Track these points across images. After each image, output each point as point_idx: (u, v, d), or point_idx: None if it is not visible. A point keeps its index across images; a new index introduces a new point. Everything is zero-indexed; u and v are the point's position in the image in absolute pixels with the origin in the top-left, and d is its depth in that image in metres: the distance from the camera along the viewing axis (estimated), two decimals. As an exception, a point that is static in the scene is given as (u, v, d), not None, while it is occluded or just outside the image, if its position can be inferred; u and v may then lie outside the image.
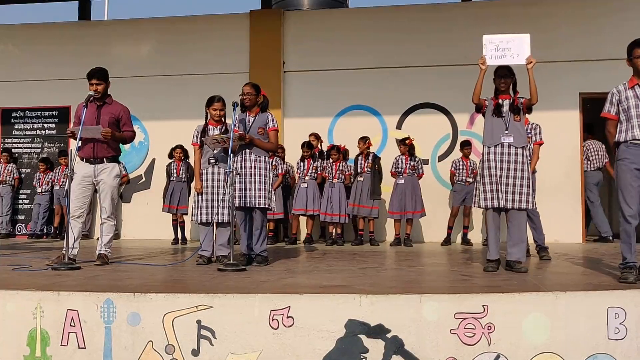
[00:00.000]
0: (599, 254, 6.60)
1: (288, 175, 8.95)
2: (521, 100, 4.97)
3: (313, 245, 8.35)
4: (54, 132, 10.44)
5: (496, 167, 4.86)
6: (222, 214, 5.45)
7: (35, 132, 10.53)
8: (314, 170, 8.61)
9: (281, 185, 8.66)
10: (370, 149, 8.54)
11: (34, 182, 10.16)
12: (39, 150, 10.51)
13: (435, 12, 9.67)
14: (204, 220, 5.54)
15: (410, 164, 8.31)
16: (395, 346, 3.47)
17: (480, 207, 5.03)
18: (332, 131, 9.61)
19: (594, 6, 9.25)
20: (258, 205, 5.37)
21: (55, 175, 9.98)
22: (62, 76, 10.17)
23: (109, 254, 5.62)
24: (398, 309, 3.52)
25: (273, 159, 7.89)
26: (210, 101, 5.68)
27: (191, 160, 7.56)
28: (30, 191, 10.36)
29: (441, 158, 9.38)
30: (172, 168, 9.01)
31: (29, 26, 10.80)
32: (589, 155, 9.12)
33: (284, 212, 8.65)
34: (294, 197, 8.69)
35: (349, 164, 8.69)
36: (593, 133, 9.32)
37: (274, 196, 5.66)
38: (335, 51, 9.66)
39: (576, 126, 9.09)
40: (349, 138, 8.88)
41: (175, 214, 8.97)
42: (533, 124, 6.20)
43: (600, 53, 8.89)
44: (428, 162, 9.30)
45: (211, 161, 5.56)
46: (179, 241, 8.96)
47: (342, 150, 8.70)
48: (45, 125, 10.49)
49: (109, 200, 5.48)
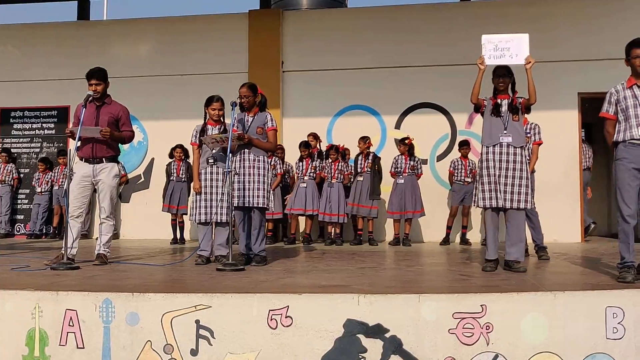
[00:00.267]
0: (597, 254, 6.61)
1: (287, 175, 8.95)
2: (520, 100, 4.97)
3: (312, 245, 8.35)
4: (53, 132, 10.43)
5: (495, 167, 4.86)
6: (221, 213, 5.45)
7: (34, 132, 10.53)
8: (312, 170, 8.61)
9: (280, 185, 8.67)
10: (370, 149, 8.55)
11: (33, 182, 10.16)
12: (38, 150, 10.50)
13: (434, 12, 9.67)
14: (202, 220, 5.54)
15: (409, 164, 8.32)
16: (394, 346, 3.47)
17: (479, 207, 5.03)
18: (331, 131, 9.61)
19: (593, 6, 9.26)
20: (257, 205, 5.38)
21: (54, 175, 9.98)
22: (61, 76, 10.18)
23: (108, 254, 5.61)
24: (397, 308, 3.52)
25: (272, 159, 7.89)
26: (209, 101, 5.68)
27: (191, 160, 7.56)
28: (29, 191, 10.35)
29: (440, 158, 9.39)
30: (172, 168, 9.01)
31: (27, 26, 10.80)
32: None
33: (282, 212, 8.65)
34: (292, 197, 8.69)
35: (350, 164, 8.69)
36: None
37: (273, 196, 5.66)
38: (334, 51, 9.66)
39: (575, 126, 9.10)
40: (347, 138, 8.89)
41: (176, 214, 8.97)
42: (532, 123, 6.20)
43: (599, 53, 8.90)
44: (427, 162, 9.31)
45: (210, 161, 5.56)
46: (178, 241, 8.96)
47: (341, 150, 8.70)
48: (44, 125, 10.49)
49: (108, 200, 5.48)
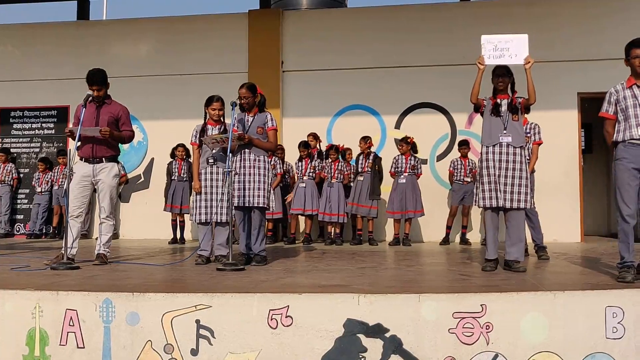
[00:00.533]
0: (597, 254, 6.61)
1: (287, 175, 8.95)
2: (519, 100, 4.98)
3: (312, 245, 8.35)
4: (53, 132, 10.43)
5: (494, 167, 4.87)
6: (221, 213, 5.45)
7: (34, 132, 10.53)
8: (311, 170, 8.61)
9: (280, 185, 8.67)
10: (371, 149, 8.56)
11: (33, 182, 10.15)
12: (38, 150, 10.50)
13: (434, 12, 9.68)
14: (202, 220, 5.54)
15: (410, 164, 8.32)
16: (394, 345, 3.47)
17: (479, 207, 5.04)
18: (331, 131, 9.61)
19: (593, 6, 9.26)
20: (257, 205, 5.38)
21: (54, 175, 9.98)
22: (61, 76, 10.18)
23: (108, 254, 5.61)
24: (397, 308, 3.52)
25: (272, 159, 7.89)
26: (209, 101, 5.68)
27: (191, 159, 7.56)
28: (29, 191, 10.35)
29: (440, 158, 9.39)
30: (174, 167, 9.01)
31: (27, 26, 10.80)
32: None
33: (282, 212, 8.65)
34: (292, 197, 8.68)
35: (352, 164, 8.69)
36: None
37: (273, 196, 5.66)
38: (334, 51, 9.66)
39: (575, 126, 9.10)
40: (347, 138, 8.89)
41: (180, 214, 8.96)
42: (532, 123, 6.21)
43: (598, 53, 8.90)
44: (427, 162, 9.31)
45: (210, 161, 5.56)
46: (178, 241, 8.96)
47: (341, 150, 8.71)
48: (43, 125, 10.49)
49: (107, 200, 5.48)
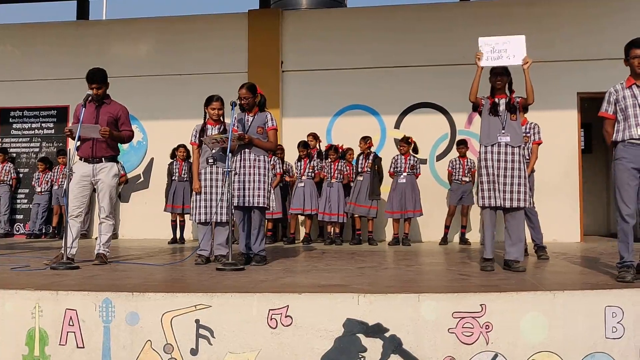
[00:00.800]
0: (596, 253, 6.62)
1: (287, 175, 8.95)
2: (517, 99, 4.98)
3: (312, 244, 8.35)
4: (52, 132, 10.43)
5: (493, 167, 4.88)
6: (221, 213, 5.45)
7: (33, 132, 10.52)
8: (311, 170, 8.61)
9: (280, 185, 8.67)
10: (371, 149, 8.56)
11: (32, 182, 10.16)
12: (37, 150, 10.50)
13: (433, 12, 9.68)
14: (202, 220, 5.54)
15: (409, 163, 8.32)
16: (394, 345, 3.47)
17: (479, 206, 5.04)
18: (331, 131, 9.61)
19: (593, 6, 9.26)
20: (257, 205, 5.38)
21: (54, 174, 9.98)
22: (61, 76, 10.18)
23: (108, 254, 5.62)
24: (396, 308, 3.52)
25: (271, 159, 7.89)
26: (208, 100, 5.68)
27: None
28: (28, 191, 10.35)
29: (439, 157, 9.39)
30: (174, 167, 9.01)
31: (26, 26, 10.80)
32: None
33: (282, 212, 8.65)
34: (291, 197, 8.69)
35: (353, 164, 8.69)
36: None
37: (273, 195, 5.66)
38: (334, 51, 9.66)
39: (574, 126, 9.10)
40: (347, 138, 8.89)
41: (181, 214, 8.96)
42: (532, 123, 6.21)
43: (598, 53, 8.90)
44: (426, 162, 9.31)
45: (209, 161, 5.56)
46: (177, 240, 8.97)
47: (341, 150, 8.71)
48: (43, 124, 10.48)
49: (107, 200, 5.48)
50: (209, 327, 3.56)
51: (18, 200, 10.41)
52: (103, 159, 5.46)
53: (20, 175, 10.42)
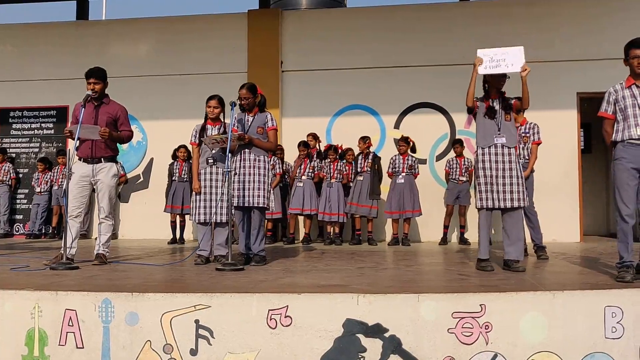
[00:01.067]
0: (596, 253, 6.62)
1: (287, 175, 8.95)
2: (512, 100, 5.02)
3: (311, 244, 8.35)
4: (52, 132, 10.43)
5: (491, 168, 4.89)
6: (220, 213, 5.46)
7: (33, 132, 10.52)
8: (310, 170, 8.61)
9: (280, 185, 8.67)
10: (370, 149, 8.56)
11: (32, 182, 10.15)
12: (37, 150, 10.50)
13: (433, 12, 9.68)
14: (202, 220, 5.54)
15: (407, 163, 8.32)
16: (393, 345, 3.47)
17: (478, 208, 5.01)
18: (330, 131, 9.61)
19: (593, 6, 9.26)
20: (257, 205, 5.38)
21: (53, 175, 9.98)
22: (60, 76, 10.18)
23: (107, 254, 5.61)
24: (396, 308, 3.52)
25: (271, 159, 7.90)
26: (207, 100, 5.70)
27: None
28: (28, 191, 10.35)
29: (439, 157, 9.39)
30: (175, 168, 9.01)
31: (26, 26, 10.79)
32: None
33: (282, 212, 8.66)
34: (291, 197, 8.69)
35: (350, 164, 8.69)
36: None
37: (273, 196, 5.67)
38: (333, 51, 9.66)
39: (574, 126, 9.10)
40: (347, 138, 8.89)
41: (181, 214, 8.95)
42: (531, 123, 6.21)
43: (598, 53, 8.90)
44: (426, 162, 9.31)
45: (209, 161, 5.56)
46: (177, 241, 8.96)
47: (340, 150, 8.71)
48: (43, 125, 10.48)
49: (106, 200, 5.48)
50: (208, 328, 3.56)
51: (18, 201, 10.41)
52: (102, 159, 5.46)
53: (20, 175, 10.41)
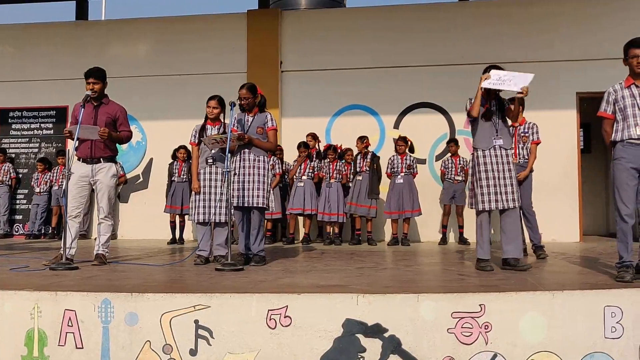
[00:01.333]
0: (595, 253, 6.62)
1: (287, 175, 8.95)
2: (506, 104, 5.10)
3: (311, 245, 8.35)
4: (52, 132, 10.42)
5: (493, 170, 4.92)
6: (220, 213, 5.46)
7: (32, 132, 10.52)
8: (311, 170, 8.61)
9: (279, 185, 8.67)
10: (369, 148, 8.56)
11: (32, 183, 10.15)
12: (37, 150, 10.49)
13: (432, 12, 9.68)
14: (201, 220, 5.54)
15: (406, 163, 8.32)
16: (393, 345, 3.47)
17: (479, 210, 4.98)
18: (330, 131, 9.61)
19: (592, 6, 9.26)
20: (256, 205, 5.38)
21: (53, 175, 9.97)
22: (60, 76, 10.18)
23: (107, 254, 5.61)
24: (395, 308, 3.52)
25: (270, 159, 7.90)
26: (207, 100, 5.70)
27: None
28: (27, 191, 10.35)
29: (438, 157, 9.39)
30: (174, 168, 9.01)
31: (25, 26, 10.78)
32: None
33: (281, 212, 8.66)
34: (290, 197, 8.69)
35: (351, 164, 8.70)
36: None
37: (272, 196, 5.67)
38: (333, 51, 9.66)
39: (574, 126, 9.10)
40: (346, 138, 8.90)
41: (181, 215, 8.95)
42: (530, 123, 6.21)
43: (597, 53, 8.90)
44: (425, 162, 9.31)
45: (209, 161, 5.57)
46: (177, 241, 8.96)
47: (340, 150, 8.71)
48: (42, 125, 10.48)
49: (106, 200, 5.48)
50: (208, 328, 3.56)
51: (17, 201, 10.40)
52: (101, 159, 5.46)
53: (20, 175, 10.41)
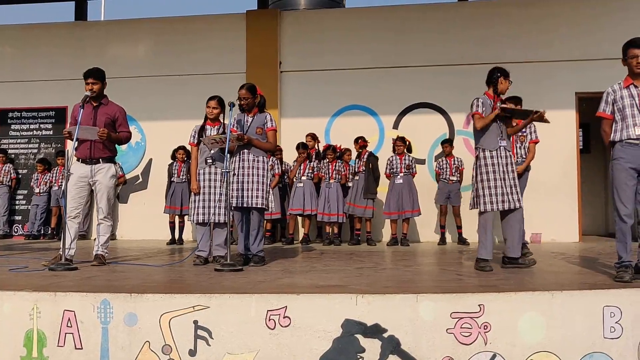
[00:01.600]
0: (595, 253, 6.62)
1: (286, 176, 8.95)
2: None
3: (310, 245, 8.35)
4: (51, 133, 10.42)
5: (499, 171, 4.95)
6: (219, 214, 5.46)
7: (32, 133, 10.52)
8: (310, 171, 8.61)
9: (279, 186, 8.67)
10: (366, 148, 8.56)
11: (31, 183, 10.15)
12: (36, 151, 10.49)
13: (431, 12, 9.68)
14: (200, 221, 5.54)
15: (405, 163, 8.33)
16: (392, 346, 3.47)
17: (488, 211, 4.98)
18: (329, 131, 9.61)
19: (591, 6, 9.27)
20: (255, 206, 5.37)
21: (53, 175, 9.97)
22: (59, 77, 10.18)
23: (106, 255, 5.61)
24: (394, 308, 3.52)
25: (270, 159, 7.90)
26: (207, 100, 5.70)
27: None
28: (27, 192, 10.34)
29: (438, 158, 9.38)
30: (174, 169, 9.01)
31: (25, 26, 10.78)
32: None
33: (281, 212, 8.66)
34: (290, 198, 8.69)
35: (350, 164, 8.70)
36: None
37: (272, 196, 5.66)
38: (332, 51, 9.67)
39: (573, 126, 9.10)
40: (346, 138, 8.90)
41: (180, 215, 8.95)
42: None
43: (596, 53, 8.91)
44: (425, 162, 9.32)
45: (208, 161, 5.57)
46: (176, 241, 8.96)
47: (339, 150, 8.71)
48: (42, 125, 10.48)
49: (105, 201, 5.47)
50: (207, 328, 3.56)
51: (17, 202, 10.40)
52: (101, 159, 5.46)
53: (19, 176, 10.40)
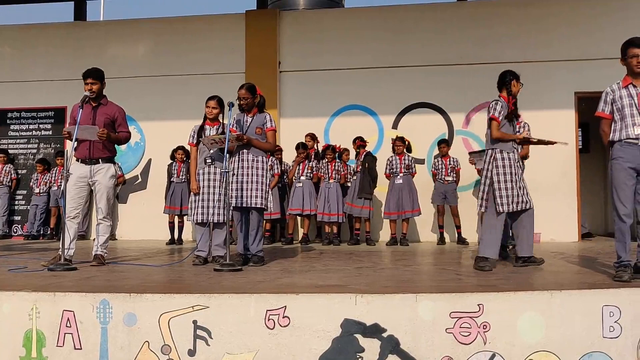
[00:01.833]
0: (594, 253, 6.63)
1: (285, 176, 8.95)
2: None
3: (310, 245, 8.35)
4: (50, 133, 10.41)
5: (513, 173, 5.00)
6: (219, 214, 5.46)
7: (31, 133, 10.51)
8: (309, 170, 8.62)
9: (278, 186, 8.67)
10: (364, 148, 8.57)
11: (31, 183, 10.14)
12: (35, 151, 10.49)
13: (431, 12, 9.68)
14: (199, 221, 5.55)
15: (404, 163, 8.33)
16: (391, 345, 3.47)
17: (505, 212, 4.98)
18: (329, 131, 9.61)
19: (590, 6, 9.27)
20: (255, 206, 5.37)
21: (52, 176, 9.96)
22: (58, 77, 10.18)
23: (106, 255, 5.61)
24: (394, 308, 3.53)
25: (269, 159, 7.90)
26: (207, 100, 5.70)
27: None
28: (26, 192, 10.34)
29: (437, 157, 9.38)
30: (173, 169, 9.01)
31: (24, 27, 10.78)
32: None
33: (280, 212, 8.66)
34: (290, 198, 8.70)
35: (349, 164, 8.71)
36: None
37: (271, 196, 5.67)
38: (331, 51, 9.67)
39: (572, 125, 9.10)
40: (345, 138, 8.90)
41: (180, 215, 8.95)
42: (522, 122, 6.28)
43: (595, 52, 8.91)
44: (424, 162, 9.31)
45: (207, 161, 5.57)
46: (175, 241, 8.95)
47: (338, 150, 8.72)
48: (41, 126, 10.47)
49: (104, 201, 5.47)
50: (206, 328, 3.56)
51: (16, 202, 10.39)
52: (100, 160, 5.45)
53: (19, 176, 10.39)
